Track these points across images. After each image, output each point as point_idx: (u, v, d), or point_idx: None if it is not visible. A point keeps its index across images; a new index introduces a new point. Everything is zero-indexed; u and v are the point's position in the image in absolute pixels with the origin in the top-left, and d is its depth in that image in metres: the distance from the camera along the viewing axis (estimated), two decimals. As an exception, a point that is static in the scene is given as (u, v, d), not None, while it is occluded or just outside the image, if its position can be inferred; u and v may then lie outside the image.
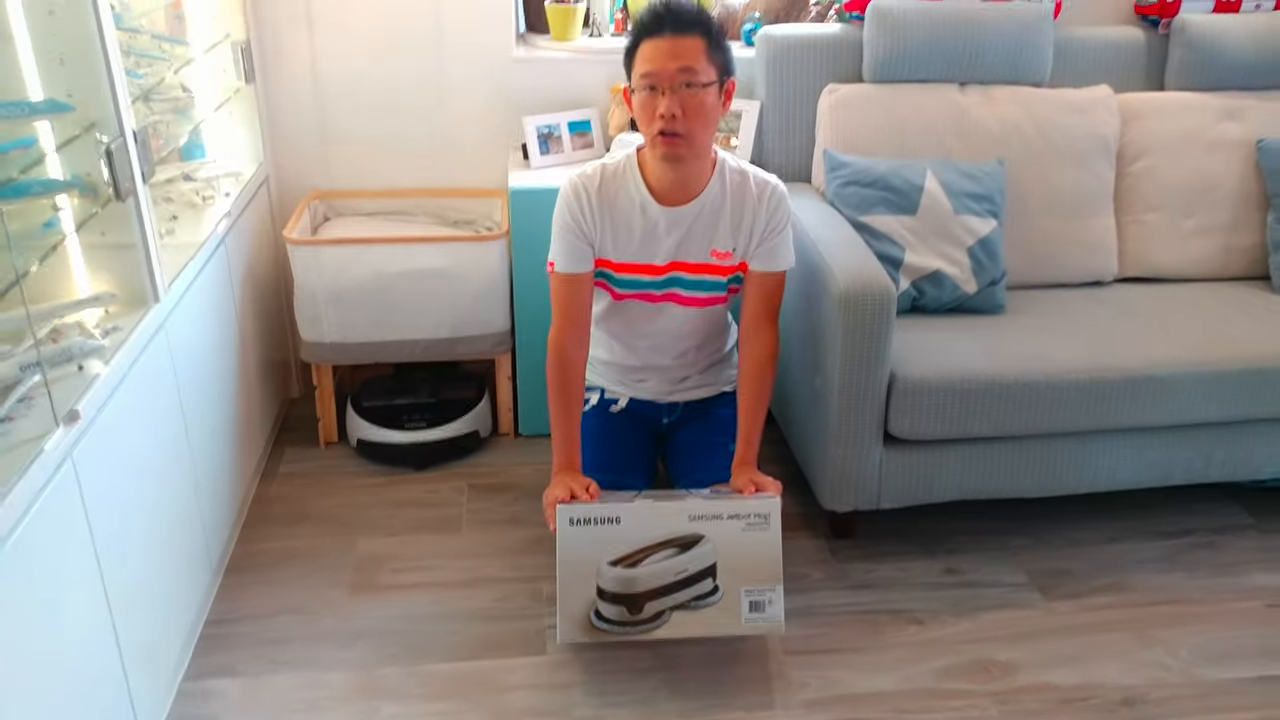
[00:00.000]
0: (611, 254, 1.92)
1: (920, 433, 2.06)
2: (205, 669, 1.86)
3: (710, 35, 1.78)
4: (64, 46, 1.48)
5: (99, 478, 1.46)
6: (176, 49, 2.04)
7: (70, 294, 1.61)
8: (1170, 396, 2.10)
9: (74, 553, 1.39)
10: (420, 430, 2.45)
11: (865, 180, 2.27)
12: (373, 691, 1.83)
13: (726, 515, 1.79)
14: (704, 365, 2.10)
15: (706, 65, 1.76)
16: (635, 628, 1.80)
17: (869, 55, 2.43)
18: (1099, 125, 2.47)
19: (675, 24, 1.75)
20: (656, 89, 1.75)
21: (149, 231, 1.64)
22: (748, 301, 1.96)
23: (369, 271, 2.35)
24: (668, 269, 1.93)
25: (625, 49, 1.83)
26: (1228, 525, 2.36)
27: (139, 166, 1.60)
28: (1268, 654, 1.98)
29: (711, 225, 1.91)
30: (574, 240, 1.89)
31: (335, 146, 2.61)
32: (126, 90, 1.56)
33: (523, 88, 2.57)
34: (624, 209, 1.89)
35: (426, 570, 2.15)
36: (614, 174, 1.90)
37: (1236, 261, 2.52)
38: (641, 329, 2.02)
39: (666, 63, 1.74)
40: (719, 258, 1.92)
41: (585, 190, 1.88)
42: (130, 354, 1.58)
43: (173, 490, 1.81)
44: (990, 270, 2.28)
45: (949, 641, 1.99)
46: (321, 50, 2.50)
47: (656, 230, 1.90)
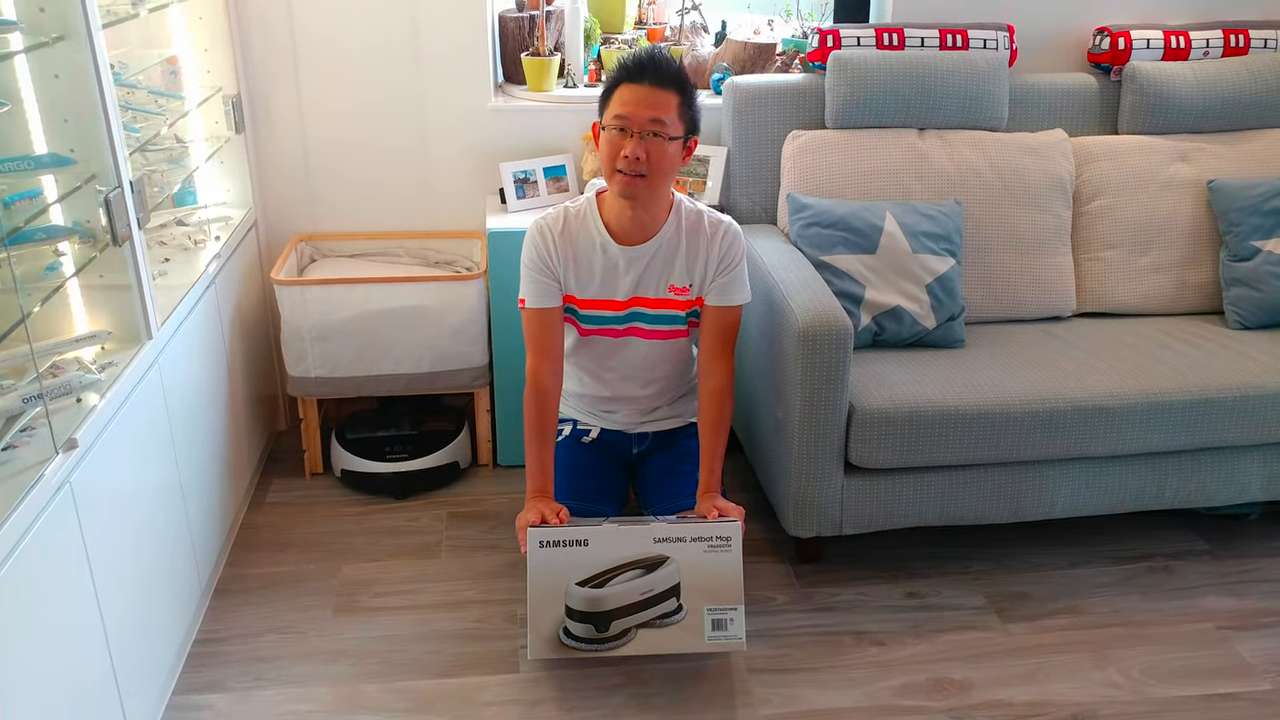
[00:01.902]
0: (575, 290, 2.03)
1: (880, 461, 2.14)
2: (194, 685, 1.95)
3: (685, 94, 1.91)
4: (68, 106, 1.60)
5: (95, 503, 1.55)
6: (171, 103, 2.17)
7: (69, 332, 1.71)
8: (1120, 427, 2.17)
9: (71, 573, 1.48)
10: (402, 461, 2.54)
11: (826, 221, 2.38)
12: (355, 706, 1.91)
13: (690, 538, 1.88)
14: (672, 397, 2.20)
15: (676, 120, 1.89)
16: (602, 645, 1.89)
17: (831, 103, 2.55)
18: (1054, 167, 2.58)
19: (656, 76, 1.88)
20: (626, 130, 1.88)
21: (143, 274, 1.75)
22: (704, 335, 2.06)
23: (353, 310, 2.45)
24: (629, 304, 2.04)
25: (604, 86, 1.95)
26: (1183, 550, 2.43)
27: (135, 214, 1.72)
28: (1216, 674, 2.04)
29: (668, 262, 2.02)
30: (540, 278, 2.01)
31: (321, 191, 2.72)
32: (124, 144, 1.68)
33: (500, 135, 2.69)
34: (585, 249, 2.01)
35: (407, 594, 2.23)
36: (575, 215, 2.02)
37: (1190, 297, 2.60)
38: (609, 362, 2.13)
39: (641, 110, 1.86)
40: (676, 293, 2.04)
41: (549, 231, 2.00)
42: (125, 387, 1.69)
43: (165, 516, 1.90)
44: (949, 306, 2.38)
45: (908, 661, 2.07)
46: (308, 101, 2.63)
47: (616, 268, 2.01)
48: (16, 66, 1.54)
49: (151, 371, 1.82)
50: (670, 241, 2.02)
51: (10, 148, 1.55)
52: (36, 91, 1.59)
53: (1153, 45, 2.68)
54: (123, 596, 1.67)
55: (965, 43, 2.61)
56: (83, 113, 1.61)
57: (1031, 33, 2.76)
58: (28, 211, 1.49)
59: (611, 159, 1.90)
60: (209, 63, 2.44)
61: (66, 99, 1.60)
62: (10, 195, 1.48)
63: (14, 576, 1.30)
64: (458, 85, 2.65)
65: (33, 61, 1.56)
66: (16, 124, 1.57)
